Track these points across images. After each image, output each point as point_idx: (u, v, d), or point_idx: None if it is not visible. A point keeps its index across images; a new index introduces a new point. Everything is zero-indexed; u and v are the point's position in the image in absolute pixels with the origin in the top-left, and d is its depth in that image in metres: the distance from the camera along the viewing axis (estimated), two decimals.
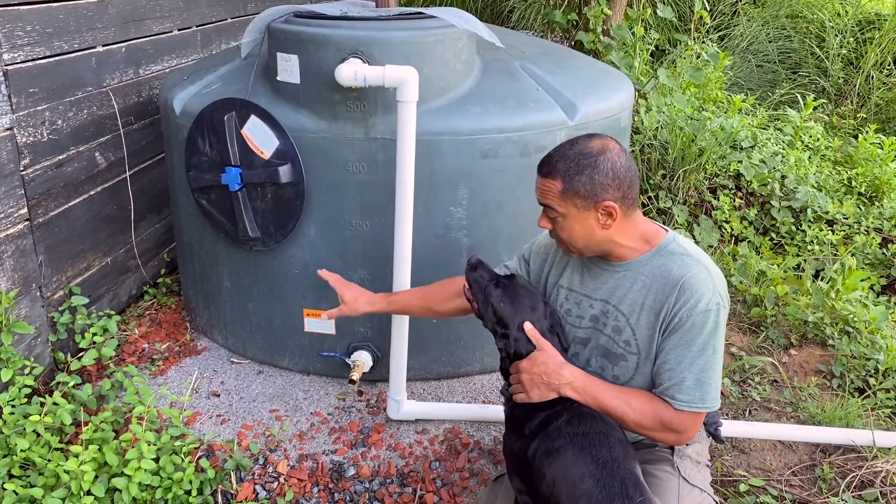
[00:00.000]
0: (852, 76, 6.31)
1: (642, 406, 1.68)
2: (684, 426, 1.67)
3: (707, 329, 1.64)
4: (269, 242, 2.52)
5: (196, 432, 2.42)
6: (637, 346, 1.74)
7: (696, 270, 1.66)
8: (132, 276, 3.15)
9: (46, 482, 2.04)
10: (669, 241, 1.73)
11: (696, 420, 1.68)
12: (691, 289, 1.65)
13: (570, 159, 1.66)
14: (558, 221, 1.70)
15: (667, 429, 1.67)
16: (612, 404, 1.67)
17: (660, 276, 1.69)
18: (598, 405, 1.68)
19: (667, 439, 1.72)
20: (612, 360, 1.79)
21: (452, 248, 2.51)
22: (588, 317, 1.81)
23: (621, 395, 1.69)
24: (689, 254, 1.70)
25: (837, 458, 2.43)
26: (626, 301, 1.74)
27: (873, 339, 2.97)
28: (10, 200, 2.38)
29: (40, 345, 2.56)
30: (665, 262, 1.70)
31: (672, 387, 1.66)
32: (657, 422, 1.67)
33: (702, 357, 1.65)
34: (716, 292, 1.65)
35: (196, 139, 2.51)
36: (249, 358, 2.82)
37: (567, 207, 1.67)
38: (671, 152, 4.36)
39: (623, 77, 2.98)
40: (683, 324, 1.65)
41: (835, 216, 4.17)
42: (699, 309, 1.63)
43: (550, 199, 1.69)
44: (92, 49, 2.76)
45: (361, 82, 2.19)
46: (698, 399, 1.65)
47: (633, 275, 1.73)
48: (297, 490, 2.23)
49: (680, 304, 1.65)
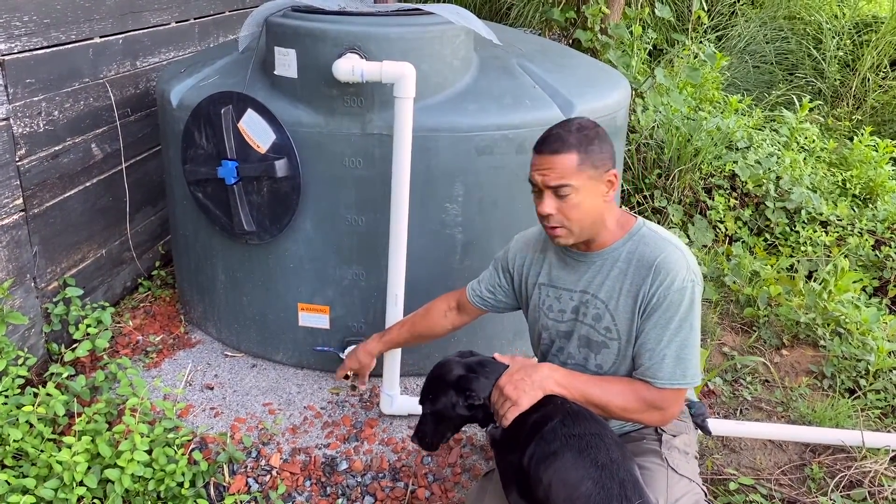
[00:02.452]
0: (848, 78, 6.34)
1: (624, 390, 1.73)
2: (666, 402, 1.72)
3: (683, 306, 1.69)
4: (264, 236, 2.53)
5: (189, 425, 2.43)
6: (617, 331, 1.78)
7: (670, 251, 1.72)
8: (127, 268, 3.15)
9: (39, 472, 2.04)
10: (640, 226, 1.80)
11: (678, 396, 1.73)
12: (666, 268, 1.70)
13: (578, 133, 1.71)
14: (570, 198, 1.70)
15: (651, 407, 1.71)
16: (596, 393, 1.71)
17: (635, 261, 1.74)
18: (582, 396, 1.71)
19: (652, 419, 1.75)
20: (593, 349, 1.82)
21: (448, 244, 2.51)
22: (569, 309, 1.85)
23: (603, 384, 1.74)
24: (660, 236, 1.76)
25: (827, 458, 2.45)
26: (605, 288, 1.78)
27: (864, 341, 2.99)
28: (5, 191, 2.38)
29: (34, 336, 2.56)
30: (638, 246, 1.76)
31: (653, 366, 1.71)
32: (641, 402, 1.71)
33: (679, 334, 1.70)
34: (689, 270, 1.71)
35: (192, 132, 2.51)
36: (243, 351, 2.83)
37: (582, 179, 1.70)
38: (667, 152, 4.38)
39: (619, 76, 2.98)
40: (661, 303, 1.70)
41: (829, 217, 4.19)
42: (675, 287, 1.68)
43: (565, 175, 1.69)
44: (89, 40, 2.75)
45: (359, 77, 2.19)
46: (679, 376, 1.70)
47: (610, 262, 1.78)
48: (289, 483, 2.23)
49: (656, 284, 1.70)
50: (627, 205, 4.34)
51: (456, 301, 2.16)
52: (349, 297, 2.58)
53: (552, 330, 1.90)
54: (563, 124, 1.76)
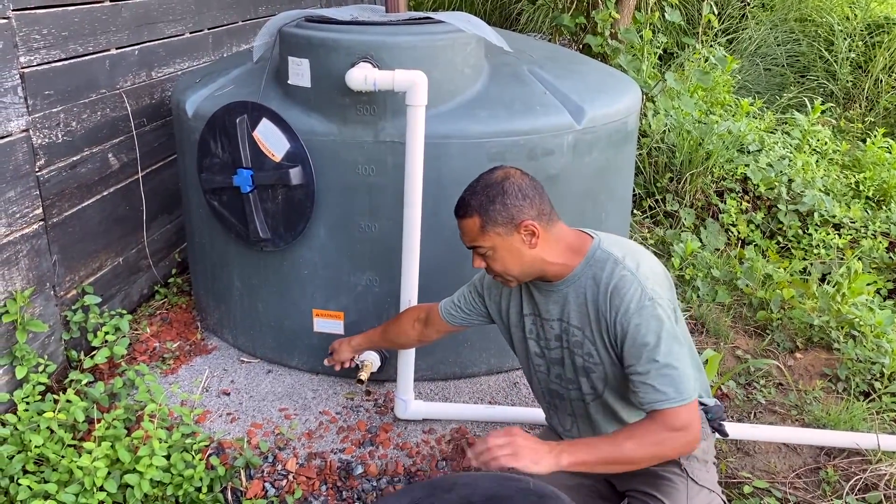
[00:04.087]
0: (861, 80, 6.31)
1: (628, 434, 1.64)
2: (678, 421, 1.61)
3: (650, 327, 1.64)
4: (279, 243, 2.56)
5: (206, 430, 2.46)
6: (598, 356, 1.78)
7: (619, 275, 1.69)
8: (144, 275, 3.19)
9: (60, 478, 2.07)
10: (595, 248, 1.77)
11: (688, 411, 1.62)
12: (619, 296, 1.68)
13: (479, 194, 1.75)
14: (489, 256, 1.77)
15: (667, 429, 1.61)
16: (606, 456, 1.61)
17: (592, 286, 1.74)
18: (603, 464, 1.62)
19: (679, 441, 1.63)
20: (583, 374, 1.83)
21: (460, 251, 2.50)
22: (553, 337, 1.86)
23: (607, 443, 1.65)
24: (612, 257, 1.73)
25: (841, 462, 2.44)
26: (576, 316, 1.78)
27: (879, 343, 2.99)
28: (25, 200, 2.42)
29: (54, 343, 2.60)
30: (595, 271, 1.74)
31: (646, 397, 1.64)
32: (655, 432, 1.62)
33: (657, 354, 1.63)
34: (642, 289, 1.66)
35: (208, 141, 2.55)
36: (259, 357, 2.86)
37: (492, 239, 1.74)
38: (678, 155, 4.38)
39: (630, 81, 3.00)
40: (627, 332, 1.66)
41: (842, 220, 4.17)
42: (632, 312, 1.65)
43: (474, 237, 1.76)
44: (106, 52, 2.80)
45: (371, 86, 2.22)
46: (677, 396, 1.61)
47: (575, 290, 1.77)
48: (305, 488, 2.26)
49: (614, 314, 1.68)
50: (639, 209, 4.35)
51: (426, 313, 2.21)
52: (363, 304, 2.61)
53: (546, 357, 1.91)
54: (472, 183, 1.80)
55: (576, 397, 1.89)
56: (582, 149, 2.56)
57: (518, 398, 2.65)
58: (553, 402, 1.97)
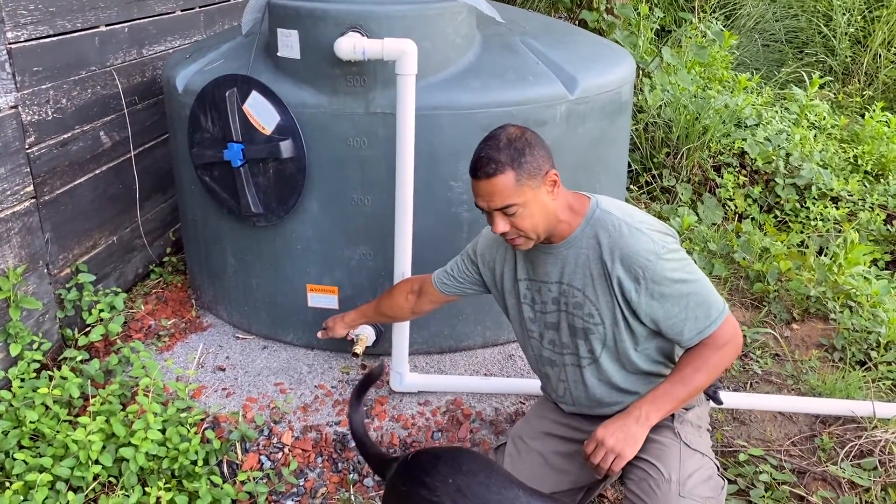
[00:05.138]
0: (860, 55, 6.27)
1: (696, 367, 1.73)
2: (724, 338, 1.73)
3: (671, 270, 1.70)
4: (271, 218, 2.55)
5: (202, 405, 2.46)
6: (600, 315, 1.78)
7: (623, 231, 1.73)
8: (138, 254, 3.19)
9: (55, 452, 2.08)
10: (594, 208, 1.79)
11: (725, 326, 1.73)
12: (633, 253, 1.71)
13: (507, 149, 1.70)
14: (519, 213, 1.73)
15: (719, 349, 1.72)
16: (683, 392, 1.73)
17: (594, 246, 1.75)
18: (679, 404, 1.74)
19: (733, 351, 1.76)
20: (582, 336, 1.83)
21: (453, 222, 2.52)
22: (550, 301, 1.86)
23: (682, 379, 1.73)
24: (612, 216, 1.76)
25: (837, 429, 2.44)
26: (577, 276, 1.79)
27: (875, 313, 2.98)
28: (15, 178, 2.41)
29: (48, 321, 2.60)
30: (597, 230, 1.76)
31: (691, 333, 1.73)
32: (712, 358, 1.72)
33: (687, 292, 1.71)
34: (650, 238, 1.72)
35: (198, 116, 2.53)
36: (254, 333, 2.86)
37: (525, 194, 1.71)
38: (675, 130, 4.36)
39: (624, 52, 2.98)
40: (649, 284, 1.70)
41: (839, 193, 4.16)
42: (650, 262, 1.69)
43: (507, 196, 1.70)
44: (95, 28, 2.78)
45: (360, 55, 2.20)
46: (715, 315, 1.72)
47: (575, 251, 1.78)
48: (301, 460, 2.26)
49: (633, 273, 1.71)
50: (636, 184, 4.33)
51: (419, 285, 2.19)
52: (357, 278, 2.60)
53: (540, 322, 1.91)
54: (490, 141, 1.74)
55: (571, 363, 1.88)
56: (575, 119, 2.55)
57: (514, 370, 2.65)
58: (545, 370, 1.97)
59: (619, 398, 1.86)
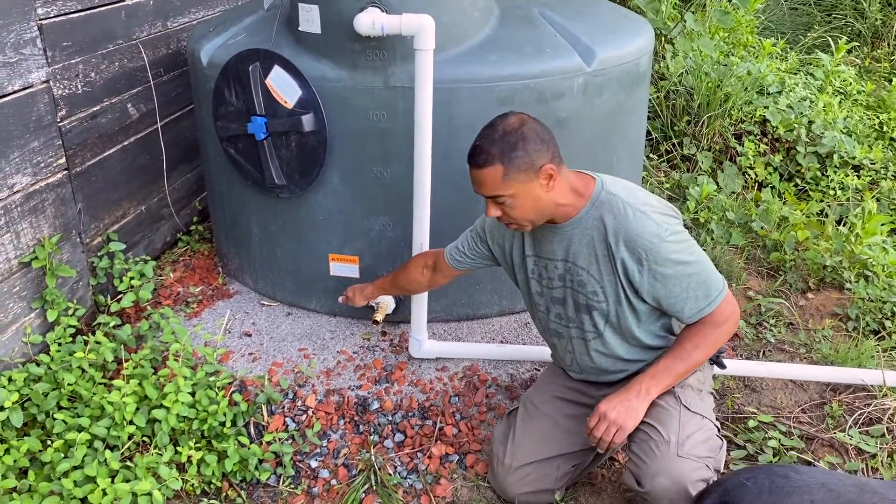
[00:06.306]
0: (890, 17, 6.13)
1: (696, 344, 1.82)
2: (723, 315, 1.81)
3: (673, 252, 1.75)
4: (294, 189, 2.62)
5: (229, 369, 2.56)
6: (604, 293, 1.84)
7: (627, 213, 1.77)
8: (166, 223, 3.28)
9: (92, 413, 2.19)
10: (599, 189, 1.83)
11: (724, 305, 1.81)
12: (637, 235, 1.75)
13: (498, 141, 1.75)
14: (508, 203, 1.78)
15: (717, 327, 1.81)
16: (682, 368, 1.82)
17: (599, 227, 1.80)
18: (677, 379, 1.84)
19: (730, 328, 1.84)
20: (586, 312, 1.90)
21: (471, 195, 2.55)
22: (556, 277, 1.92)
23: (681, 355, 1.82)
24: (617, 198, 1.80)
25: (847, 397, 2.49)
26: (582, 256, 1.84)
27: (891, 283, 3.00)
28: (49, 150, 2.50)
29: (82, 288, 2.71)
30: (601, 212, 1.80)
31: (692, 309, 1.80)
32: (710, 335, 1.81)
33: (688, 273, 1.77)
34: (653, 220, 1.76)
35: (222, 90, 2.59)
36: (279, 300, 2.95)
37: (514, 186, 1.75)
38: (696, 98, 4.34)
39: (643, 21, 2.97)
40: (652, 266, 1.75)
41: (861, 161, 4.13)
42: (654, 245, 1.74)
43: (495, 187, 1.76)
44: (121, 2, 2.83)
45: (379, 31, 2.24)
46: (714, 294, 1.79)
47: (580, 231, 1.83)
48: (324, 422, 2.36)
49: (637, 256, 1.76)
50: (656, 153, 4.33)
51: (433, 260, 2.27)
52: (377, 248, 2.67)
53: (546, 297, 1.97)
54: (487, 130, 1.79)
55: (577, 335, 1.95)
56: (592, 91, 2.57)
57: (529, 338, 2.72)
58: (552, 340, 2.05)
59: (623, 367, 1.94)
